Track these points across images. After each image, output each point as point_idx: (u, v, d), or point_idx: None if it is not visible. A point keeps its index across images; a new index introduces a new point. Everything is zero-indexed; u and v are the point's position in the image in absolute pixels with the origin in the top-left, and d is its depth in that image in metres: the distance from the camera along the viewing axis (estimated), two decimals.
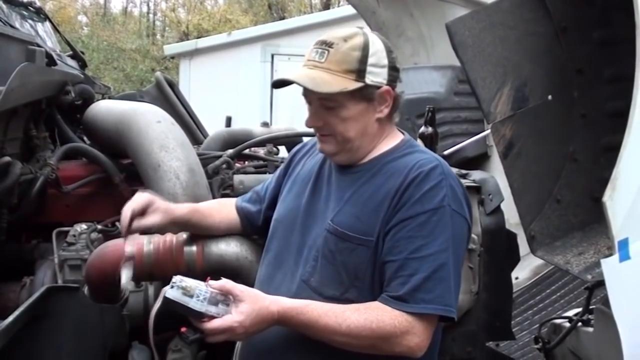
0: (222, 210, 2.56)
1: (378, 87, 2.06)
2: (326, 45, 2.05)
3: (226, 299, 1.90)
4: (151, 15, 30.60)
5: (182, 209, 2.46)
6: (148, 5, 30.73)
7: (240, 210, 2.53)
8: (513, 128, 2.77)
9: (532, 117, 2.83)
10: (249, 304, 1.89)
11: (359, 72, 2.02)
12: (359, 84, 2.02)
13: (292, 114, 8.48)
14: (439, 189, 1.97)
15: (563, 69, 2.94)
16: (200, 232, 2.56)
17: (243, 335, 1.91)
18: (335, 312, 1.91)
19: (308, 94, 2.08)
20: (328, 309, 1.93)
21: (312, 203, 2.19)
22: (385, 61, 2.07)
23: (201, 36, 20.38)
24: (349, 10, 8.82)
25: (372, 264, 2.00)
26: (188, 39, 20.99)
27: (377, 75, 2.05)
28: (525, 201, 2.84)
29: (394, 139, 2.17)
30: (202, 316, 1.88)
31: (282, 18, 22.75)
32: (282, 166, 2.52)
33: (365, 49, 2.03)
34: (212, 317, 1.88)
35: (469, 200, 2.09)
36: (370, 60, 2.03)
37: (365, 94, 2.05)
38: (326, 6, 23.57)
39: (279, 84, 2.15)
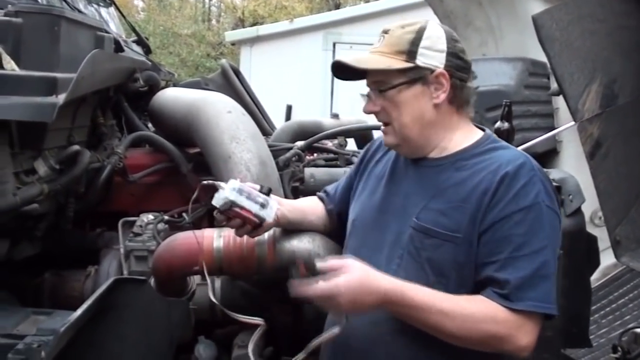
0: (317, 208, 2.54)
1: (432, 71, 2.01)
2: (384, 32, 2.06)
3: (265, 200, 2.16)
4: (207, 1, 30.73)
5: (285, 206, 2.42)
6: None
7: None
8: (601, 127, 2.66)
9: (621, 116, 2.72)
10: (359, 269, 1.85)
11: (410, 53, 1.99)
12: (407, 64, 1.99)
13: (352, 103, 8.41)
14: (531, 186, 1.92)
15: None
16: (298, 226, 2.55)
17: (344, 298, 1.82)
18: (450, 298, 1.88)
19: (367, 81, 2.08)
20: (443, 294, 1.88)
21: (388, 199, 2.14)
22: (442, 46, 2.02)
23: (257, 22, 20.41)
24: None
25: (458, 261, 1.95)
26: (244, 25, 21.05)
27: (430, 58, 2.01)
28: (611, 204, 2.73)
29: (473, 134, 2.11)
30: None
31: (338, 5, 22.65)
32: (354, 165, 2.47)
33: (419, 32, 2.01)
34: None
35: (556, 192, 2.04)
36: (424, 42, 2.00)
37: (418, 76, 2.01)
38: None
39: (337, 69, 2.15)
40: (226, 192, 2.09)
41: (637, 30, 2.77)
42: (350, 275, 1.83)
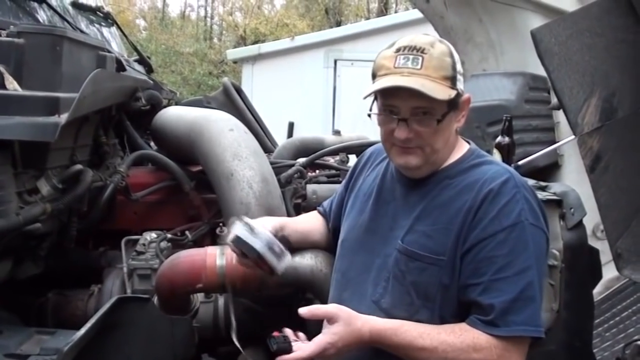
0: (319, 225, 2.52)
1: (461, 95, 1.97)
2: (417, 51, 1.90)
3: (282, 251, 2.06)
4: (209, 19, 30.86)
5: (287, 228, 2.37)
6: (205, 9, 31.01)
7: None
8: (601, 140, 2.65)
9: (620, 129, 2.71)
10: (342, 325, 1.86)
11: (452, 79, 1.91)
12: (454, 92, 1.92)
13: (354, 120, 8.39)
14: (514, 204, 1.88)
15: None
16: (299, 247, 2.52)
17: (334, 356, 1.86)
18: (431, 334, 1.86)
19: (398, 103, 1.92)
20: (422, 330, 1.87)
21: (376, 220, 2.11)
22: (461, 69, 1.97)
23: (258, 40, 20.48)
24: (414, 14, 8.70)
25: (443, 283, 1.92)
26: (245, 43, 21.12)
27: (461, 83, 1.96)
28: (612, 217, 2.71)
29: (461, 148, 2.07)
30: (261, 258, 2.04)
31: (339, 23, 22.74)
32: (344, 181, 2.45)
33: (452, 55, 1.94)
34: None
35: (544, 209, 1.98)
36: (457, 67, 1.94)
37: (455, 102, 1.95)
38: (382, 11, 23.45)
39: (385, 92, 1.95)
40: (256, 245, 2.04)
41: (635, 44, 2.76)
42: (334, 330, 1.85)
